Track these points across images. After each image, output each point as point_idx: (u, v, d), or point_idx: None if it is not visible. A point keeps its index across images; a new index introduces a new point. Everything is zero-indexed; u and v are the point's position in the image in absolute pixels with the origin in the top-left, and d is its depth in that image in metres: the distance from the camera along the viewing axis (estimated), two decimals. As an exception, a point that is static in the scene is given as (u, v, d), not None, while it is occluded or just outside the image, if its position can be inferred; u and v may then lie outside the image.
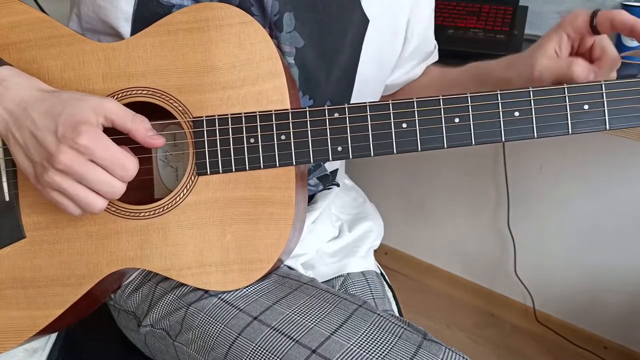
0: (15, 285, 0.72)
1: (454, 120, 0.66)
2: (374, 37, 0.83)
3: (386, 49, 0.87)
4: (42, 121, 0.64)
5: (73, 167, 0.62)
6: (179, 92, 0.70)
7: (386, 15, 0.83)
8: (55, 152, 0.62)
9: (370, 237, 0.95)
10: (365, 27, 0.81)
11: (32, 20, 0.72)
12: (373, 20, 0.81)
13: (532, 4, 1.39)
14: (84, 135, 0.62)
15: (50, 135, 0.63)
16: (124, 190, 0.67)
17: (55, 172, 0.63)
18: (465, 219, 1.94)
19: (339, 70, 0.82)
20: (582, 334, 1.78)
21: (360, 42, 0.82)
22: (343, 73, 0.82)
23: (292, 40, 0.76)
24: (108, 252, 0.72)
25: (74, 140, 0.62)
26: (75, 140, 0.62)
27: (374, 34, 0.82)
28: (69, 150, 0.62)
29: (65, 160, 0.62)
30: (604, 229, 1.65)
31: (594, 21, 0.67)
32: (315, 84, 0.80)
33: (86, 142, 0.62)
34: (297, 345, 0.64)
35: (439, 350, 0.64)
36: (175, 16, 0.71)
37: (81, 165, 0.63)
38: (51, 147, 0.62)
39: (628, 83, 0.63)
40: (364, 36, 0.82)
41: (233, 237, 0.71)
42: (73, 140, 0.62)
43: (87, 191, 0.64)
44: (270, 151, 0.69)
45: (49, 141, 0.63)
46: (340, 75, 0.82)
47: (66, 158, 0.62)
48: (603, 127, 0.64)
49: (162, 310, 0.77)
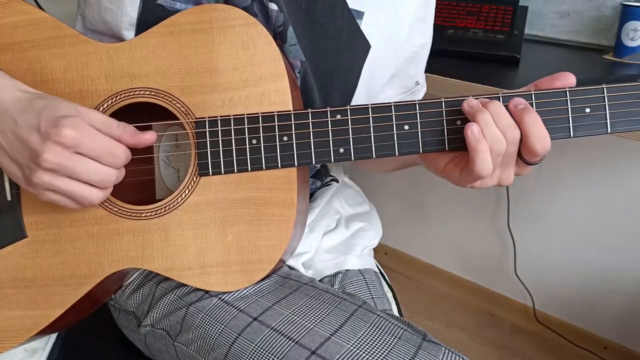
0: (16, 284, 0.72)
1: (456, 122, 0.66)
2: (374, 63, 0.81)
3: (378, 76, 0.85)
4: (23, 119, 0.62)
5: (61, 163, 0.61)
6: (182, 93, 0.70)
7: (385, 40, 0.82)
8: (40, 151, 0.61)
9: (366, 236, 0.95)
10: (367, 52, 0.80)
11: (35, 20, 0.72)
12: (374, 46, 0.80)
13: (532, 4, 1.40)
14: (68, 127, 0.61)
15: (33, 134, 0.61)
16: (119, 179, 0.66)
17: (43, 171, 0.62)
18: (465, 219, 1.94)
19: (337, 94, 0.81)
20: (582, 334, 1.78)
21: (360, 67, 0.81)
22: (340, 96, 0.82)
23: (295, 53, 0.76)
24: (109, 252, 0.72)
25: (58, 134, 0.60)
26: (60, 133, 0.60)
27: (374, 59, 0.81)
28: (54, 147, 0.61)
29: (52, 157, 0.61)
30: (603, 229, 1.65)
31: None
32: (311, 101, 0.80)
33: (71, 133, 0.61)
34: (297, 346, 0.64)
35: (438, 351, 0.64)
36: (179, 17, 0.71)
37: (68, 160, 0.61)
38: (35, 146, 0.61)
39: (630, 87, 0.63)
40: (364, 61, 0.81)
41: (234, 238, 0.71)
42: (57, 134, 0.60)
43: (80, 185, 0.63)
44: (272, 152, 0.69)
45: (33, 140, 0.61)
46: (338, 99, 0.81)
47: (52, 155, 0.61)
48: (605, 131, 0.64)
49: (162, 310, 0.77)
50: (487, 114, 0.63)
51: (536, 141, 0.62)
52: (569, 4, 1.40)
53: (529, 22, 1.37)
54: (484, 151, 0.62)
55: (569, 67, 0.66)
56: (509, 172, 0.66)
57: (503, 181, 0.67)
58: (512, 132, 0.63)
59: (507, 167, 0.66)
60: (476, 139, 0.62)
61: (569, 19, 1.40)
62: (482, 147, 0.62)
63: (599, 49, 1.34)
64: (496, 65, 1.22)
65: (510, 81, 1.20)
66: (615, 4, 1.32)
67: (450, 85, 1.12)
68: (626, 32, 1.21)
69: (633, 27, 1.20)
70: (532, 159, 0.65)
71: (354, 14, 0.78)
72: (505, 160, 0.64)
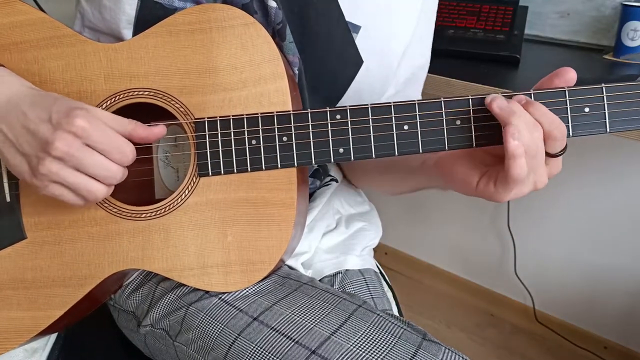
0: (16, 286, 0.72)
1: (456, 122, 0.66)
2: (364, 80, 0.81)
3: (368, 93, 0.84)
4: (33, 113, 0.63)
5: (70, 152, 0.61)
6: (181, 93, 0.70)
7: (379, 60, 0.81)
8: (51, 139, 0.61)
9: (366, 236, 0.95)
10: (358, 66, 0.80)
11: (33, 21, 0.72)
12: (366, 62, 0.80)
13: (532, 4, 1.40)
14: (80, 118, 0.61)
15: (44, 124, 0.62)
16: (123, 178, 0.66)
17: (52, 160, 0.62)
18: (465, 219, 1.94)
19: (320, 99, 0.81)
20: (582, 334, 1.78)
21: (350, 80, 0.81)
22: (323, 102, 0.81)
23: (294, 50, 0.76)
24: (109, 253, 0.72)
25: (70, 123, 0.61)
26: (72, 122, 0.60)
27: (365, 76, 0.81)
28: (66, 135, 0.61)
29: (62, 146, 0.61)
30: (603, 229, 1.65)
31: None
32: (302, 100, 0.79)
33: (83, 124, 0.61)
34: (297, 346, 0.64)
35: (438, 351, 0.64)
36: (177, 17, 0.71)
37: (78, 150, 0.61)
38: (46, 134, 0.61)
39: (629, 86, 0.63)
40: (355, 75, 0.80)
41: (234, 239, 0.71)
42: (69, 123, 0.61)
43: (86, 178, 0.63)
44: (272, 153, 0.69)
45: (44, 130, 0.61)
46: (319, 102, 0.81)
47: (63, 144, 0.61)
48: (604, 130, 0.64)
49: (162, 310, 0.77)
50: (520, 117, 0.60)
51: (551, 127, 0.61)
52: (569, 4, 1.40)
53: (529, 22, 1.37)
54: (521, 155, 0.60)
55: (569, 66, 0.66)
56: (542, 173, 0.64)
57: (539, 183, 0.64)
58: (537, 130, 0.61)
59: (539, 167, 0.63)
60: (516, 145, 0.59)
61: (569, 19, 1.40)
62: (520, 152, 0.59)
63: (599, 49, 1.34)
64: (496, 65, 1.22)
65: (510, 81, 1.20)
66: (615, 4, 1.32)
67: (450, 85, 1.11)
68: (626, 32, 1.21)
69: (633, 27, 1.20)
70: (555, 148, 0.63)
71: (350, 26, 0.78)
72: (538, 160, 0.62)
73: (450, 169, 0.69)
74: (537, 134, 0.61)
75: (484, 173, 0.66)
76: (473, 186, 0.67)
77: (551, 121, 0.61)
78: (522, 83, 1.17)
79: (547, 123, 0.61)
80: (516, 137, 0.59)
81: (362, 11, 0.78)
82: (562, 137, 0.62)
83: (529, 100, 0.63)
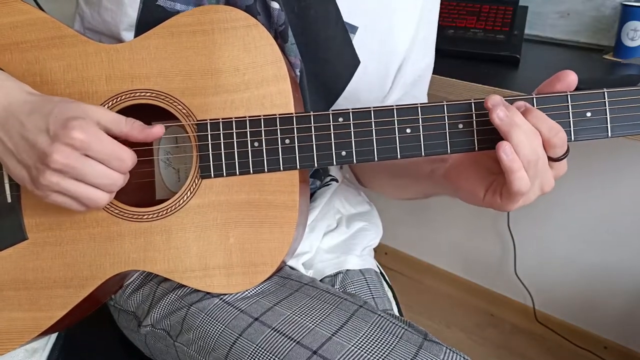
0: (18, 286, 0.72)
1: (458, 126, 0.65)
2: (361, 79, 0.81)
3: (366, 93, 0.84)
4: (31, 122, 0.62)
5: (69, 164, 0.61)
6: (183, 95, 0.70)
7: (377, 60, 0.81)
8: (49, 151, 0.61)
9: (367, 236, 0.95)
10: (355, 67, 0.80)
11: (34, 21, 0.71)
12: (363, 62, 0.80)
13: (532, 4, 1.40)
14: (77, 130, 0.61)
15: (41, 135, 0.61)
16: (124, 182, 0.66)
17: (52, 172, 0.62)
18: (465, 219, 1.94)
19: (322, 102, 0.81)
20: (582, 334, 1.78)
21: (347, 80, 0.81)
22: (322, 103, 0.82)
23: (296, 52, 0.76)
24: (111, 254, 0.72)
25: (67, 136, 0.60)
26: (69, 135, 0.60)
27: (362, 76, 0.81)
28: (64, 147, 0.61)
29: (61, 158, 0.61)
30: (604, 229, 1.66)
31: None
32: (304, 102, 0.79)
33: (80, 136, 0.61)
34: (298, 346, 0.64)
35: (439, 351, 0.64)
36: (180, 18, 0.70)
37: (77, 161, 0.61)
38: (44, 146, 0.61)
39: (631, 91, 0.63)
40: (352, 75, 0.80)
41: (236, 241, 0.71)
42: (66, 136, 0.60)
43: (87, 187, 0.63)
44: (274, 155, 0.69)
45: (41, 141, 0.61)
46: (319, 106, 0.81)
47: (61, 156, 0.61)
48: (605, 135, 0.64)
49: (162, 310, 0.77)
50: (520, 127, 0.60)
51: (550, 134, 0.61)
52: (569, 4, 1.40)
53: (529, 22, 1.37)
54: (519, 169, 0.59)
55: (568, 67, 0.66)
56: (548, 177, 0.63)
57: (546, 187, 0.63)
58: (537, 138, 0.61)
59: (544, 172, 0.62)
60: (510, 160, 0.59)
61: (569, 19, 1.40)
62: (517, 166, 0.59)
63: (599, 49, 1.34)
64: (496, 65, 1.22)
65: (510, 81, 1.19)
66: (615, 4, 1.32)
67: (450, 85, 1.11)
68: (626, 32, 1.21)
69: (633, 27, 1.20)
70: (556, 153, 0.62)
71: (348, 27, 0.78)
72: (540, 166, 0.62)
73: (457, 182, 0.69)
74: (536, 142, 0.60)
75: (490, 185, 0.66)
76: (480, 198, 0.67)
77: (550, 128, 0.61)
78: (522, 83, 1.17)
79: (546, 130, 0.61)
80: (509, 153, 0.59)
81: (360, 12, 0.78)
82: (562, 144, 0.62)
83: (528, 107, 0.62)
